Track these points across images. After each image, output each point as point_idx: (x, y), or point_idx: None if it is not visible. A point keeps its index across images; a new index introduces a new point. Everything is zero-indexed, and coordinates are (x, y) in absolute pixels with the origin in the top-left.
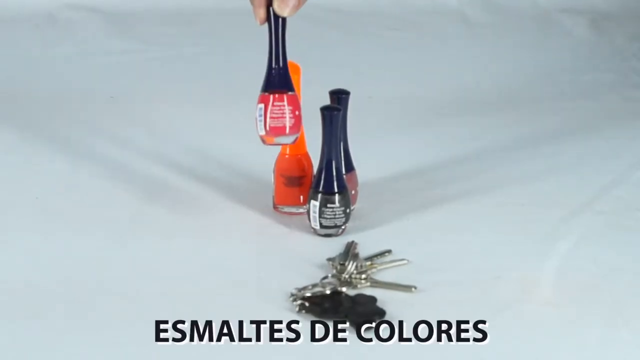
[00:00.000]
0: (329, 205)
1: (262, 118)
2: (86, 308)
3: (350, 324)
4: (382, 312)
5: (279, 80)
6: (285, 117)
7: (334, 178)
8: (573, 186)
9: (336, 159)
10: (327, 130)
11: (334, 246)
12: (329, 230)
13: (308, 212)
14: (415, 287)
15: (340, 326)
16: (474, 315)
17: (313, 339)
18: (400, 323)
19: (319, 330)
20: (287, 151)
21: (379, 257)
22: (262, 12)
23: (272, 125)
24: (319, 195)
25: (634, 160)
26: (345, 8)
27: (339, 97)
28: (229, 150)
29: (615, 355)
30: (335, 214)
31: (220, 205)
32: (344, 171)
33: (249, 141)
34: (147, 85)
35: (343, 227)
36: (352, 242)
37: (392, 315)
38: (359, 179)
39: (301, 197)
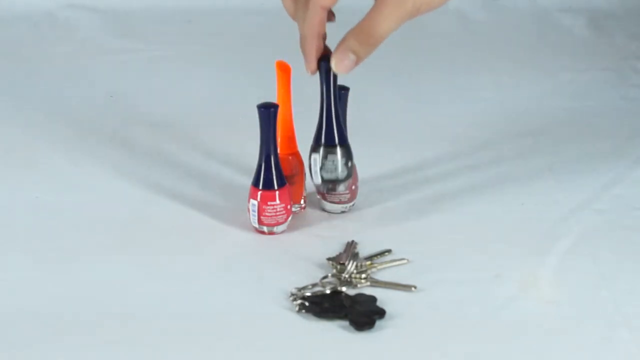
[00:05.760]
0: (329, 157)
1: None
2: (85, 306)
3: (350, 324)
4: (382, 312)
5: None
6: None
7: (335, 130)
8: (572, 185)
9: (336, 109)
10: (325, 80)
11: (334, 246)
12: (330, 184)
13: (310, 169)
14: (415, 287)
15: (340, 325)
16: (473, 314)
17: (312, 338)
18: (400, 322)
19: (319, 329)
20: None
21: (378, 256)
22: (313, 65)
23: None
24: (320, 148)
25: (634, 159)
26: (345, 7)
27: (340, 93)
28: (228, 150)
29: (615, 355)
30: (336, 166)
31: (220, 204)
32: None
33: (249, 140)
34: (147, 85)
35: (341, 182)
36: (352, 241)
37: (392, 315)
38: (359, 178)
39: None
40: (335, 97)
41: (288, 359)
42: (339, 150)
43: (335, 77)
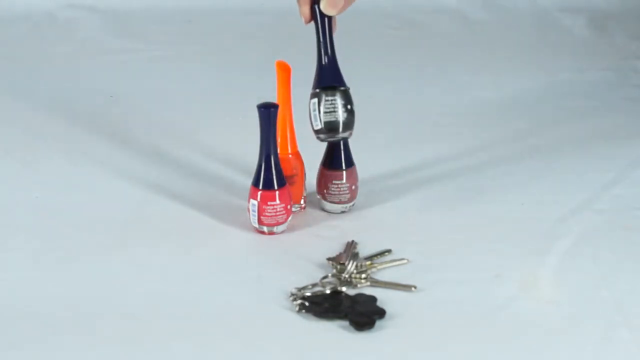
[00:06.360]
0: (328, 99)
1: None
2: (85, 306)
3: (350, 324)
4: (382, 312)
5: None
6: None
7: (332, 73)
8: (573, 185)
9: (333, 54)
10: (321, 25)
11: (334, 246)
12: (331, 129)
13: (309, 116)
14: (415, 287)
15: (340, 325)
16: (473, 314)
17: (312, 338)
18: (400, 322)
19: (319, 329)
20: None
21: (378, 256)
22: (307, 11)
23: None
24: (318, 90)
25: (634, 159)
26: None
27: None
28: (228, 150)
29: (615, 355)
30: (336, 107)
31: (220, 204)
32: (344, 166)
33: (249, 140)
34: (147, 85)
35: (342, 126)
36: (352, 241)
37: (392, 315)
38: (359, 178)
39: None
40: (331, 42)
41: (288, 359)
42: (337, 92)
43: (329, 21)
